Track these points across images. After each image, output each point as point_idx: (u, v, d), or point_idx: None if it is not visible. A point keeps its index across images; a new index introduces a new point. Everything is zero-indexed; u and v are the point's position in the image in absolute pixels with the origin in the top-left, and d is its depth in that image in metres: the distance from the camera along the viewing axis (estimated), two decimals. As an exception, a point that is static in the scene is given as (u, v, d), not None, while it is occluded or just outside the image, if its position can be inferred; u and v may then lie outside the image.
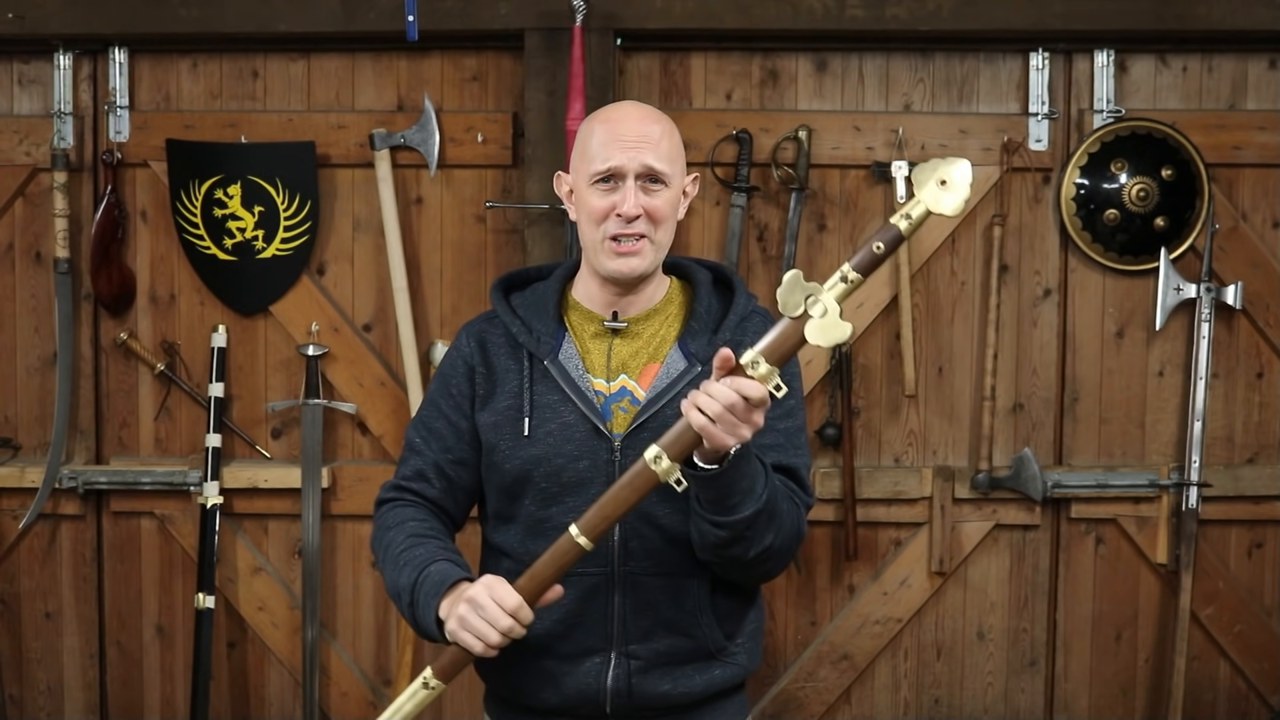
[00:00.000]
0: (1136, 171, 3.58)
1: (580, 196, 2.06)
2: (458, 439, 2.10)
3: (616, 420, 2.03)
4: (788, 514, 1.98)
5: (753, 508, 1.89)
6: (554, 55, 3.47)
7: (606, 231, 2.03)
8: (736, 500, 1.88)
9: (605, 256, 2.04)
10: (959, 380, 3.69)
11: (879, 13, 3.48)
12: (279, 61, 3.69)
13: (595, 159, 2.03)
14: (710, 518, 1.90)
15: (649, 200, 2.01)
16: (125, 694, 3.81)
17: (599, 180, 2.02)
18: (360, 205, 3.69)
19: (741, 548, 1.93)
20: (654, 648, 2.03)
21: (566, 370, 2.05)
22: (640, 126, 2.04)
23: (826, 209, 3.66)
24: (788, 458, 2.05)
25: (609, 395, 2.05)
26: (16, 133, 3.69)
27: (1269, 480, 3.66)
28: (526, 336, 2.08)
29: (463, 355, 2.12)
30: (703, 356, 2.05)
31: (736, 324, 2.11)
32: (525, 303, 2.13)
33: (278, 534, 3.76)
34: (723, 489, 1.86)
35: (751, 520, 1.90)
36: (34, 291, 3.74)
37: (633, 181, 2.01)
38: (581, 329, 2.10)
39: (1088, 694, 3.74)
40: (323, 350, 3.67)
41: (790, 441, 2.06)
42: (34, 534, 3.76)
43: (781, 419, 2.05)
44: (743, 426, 1.79)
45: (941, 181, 1.71)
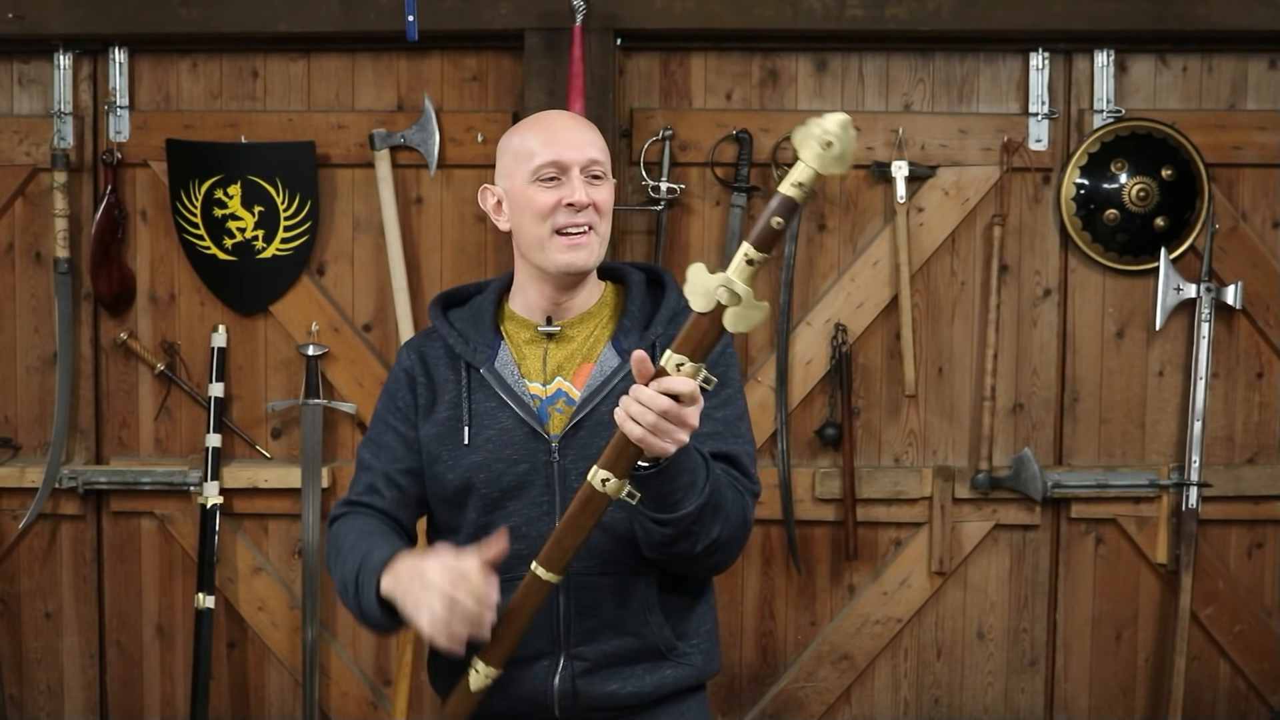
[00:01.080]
0: (1136, 171, 3.59)
1: (520, 197, 2.06)
2: (406, 449, 2.10)
3: (553, 422, 2.03)
4: (733, 503, 1.96)
5: (695, 502, 1.87)
6: (554, 55, 3.47)
7: (555, 224, 2.03)
8: (678, 497, 1.85)
9: (554, 251, 2.04)
10: (959, 380, 3.69)
11: (879, 13, 3.48)
12: (279, 61, 3.69)
13: (536, 156, 2.04)
14: (653, 516, 1.88)
15: (595, 192, 2.03)
16: (125, 694, 3.81)
17: (543, 177, 2.03)
18: (360, 205, 3.69)
19: (688, 543, 1.91)
20: (601, 649, 2.02)
21: (502, 376, 2.06)
22: (576, 124, 2.09)
23: (826, 209, 3.66)
24: (728, 445, 2.03)
25: (545, 398, 2.05)
26: (16, 133, 3.69)
27: (1269, 480, 3.66)
28: (463, 347, 2.10)
29: (404, 368, 2.14)
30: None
31: (669, 319, 2.10)
32: (462, 316, 2.16)
33: (278, 534, 3.77)
34: (663, 487, 1.84)
35: (696, 515, 1.88)
36: (34, 291, 3.74)
37: (578, 173, 2.03)
38: (517, 336, 2.11)
39: (1088, 694, 3.74)
40: (323, 350, 3.67)
41: (729, 430, 2.05)
42: (34, 534, 3.76)
43: (719, 407, 2.04)
44: (679, 430, 1.76)
45: (827, 143, 1.62)
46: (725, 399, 2.06)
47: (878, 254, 3.64)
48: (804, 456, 3.69)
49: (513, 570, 1.94)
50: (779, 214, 1.66)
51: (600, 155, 2.05)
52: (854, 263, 3.65)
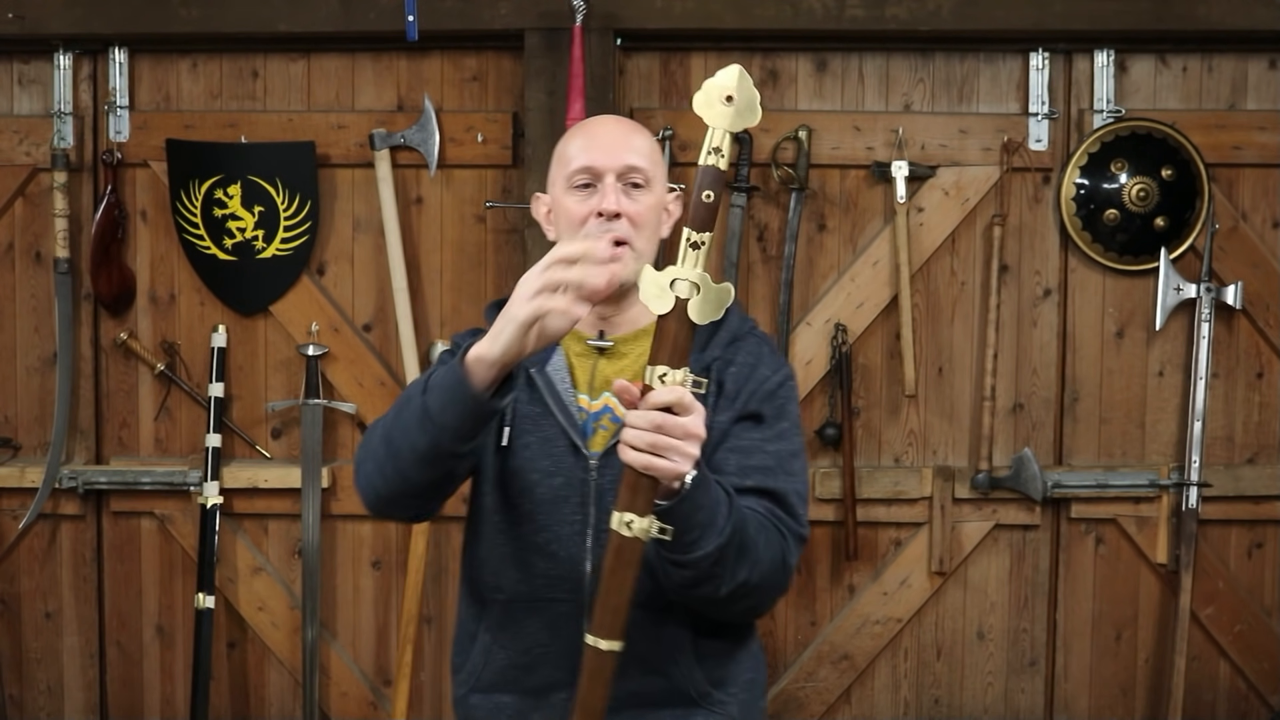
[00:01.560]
0: (1136, 171, 3.59)
1: (558, 206, 1.97)
2: None
3: (596, 439, 1.93)
4: (766, 545, 1.80)
5: (714, 543, 1.72)
6: (554, 55, 3.47)
7: (586, 234, 1.91)
8: (695, 536, 1.71)
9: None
10: (959, 380, 3.69)
11: (879, 13, 3.48)
12: (279, 61, 3.69)
13: (572, 161, 1.94)
14: (670, 556, 1.74)
15: (630, 203, 1.91)
16: (125, 694, 3.81)
17: (577, 184, 1.93)
18: (360, 205, 3.69)
19: (711, 586, 1.76)
20: (626, 687, 1.83)
21: (553, 381, 1.95)
22: (619, 128, 1.98)
23: (826, 209, 3.66)
24: (776, 481, 1.88)
25: (591, 413, 1.94)
26: (16, 133, 3.69)
27: (1269, 480, 3.66)
28: None
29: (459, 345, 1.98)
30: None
31: (727, 343, 1.98)
32: None
33: (278, 534, 3.77)
34: (677, 525, 1.68)
35: (716, 556, 1.72)
36: (34, 291, 3.74)
37: (612, 180, 1.92)
38: (571, 349, 2.00)
39: (1088, 694, 3.74)
40: (323, 350, 3.67)
41: (780, 465, 1.90)
42: (34, 534, 3.76)
43: (772, 440, 1.91)
44: (684, 443, 1.61)
45: (727, 98, 1.55)
46: (780, 433, 1.92)
47: (878, 254, 3.64)
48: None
49: (540, 593, 1.87)
50: (706, 187, 1.58)
51: (641, 161, 1.92)
52: (854, 263, 3.65)
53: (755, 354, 1.97)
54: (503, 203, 3.64)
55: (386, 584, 3.76)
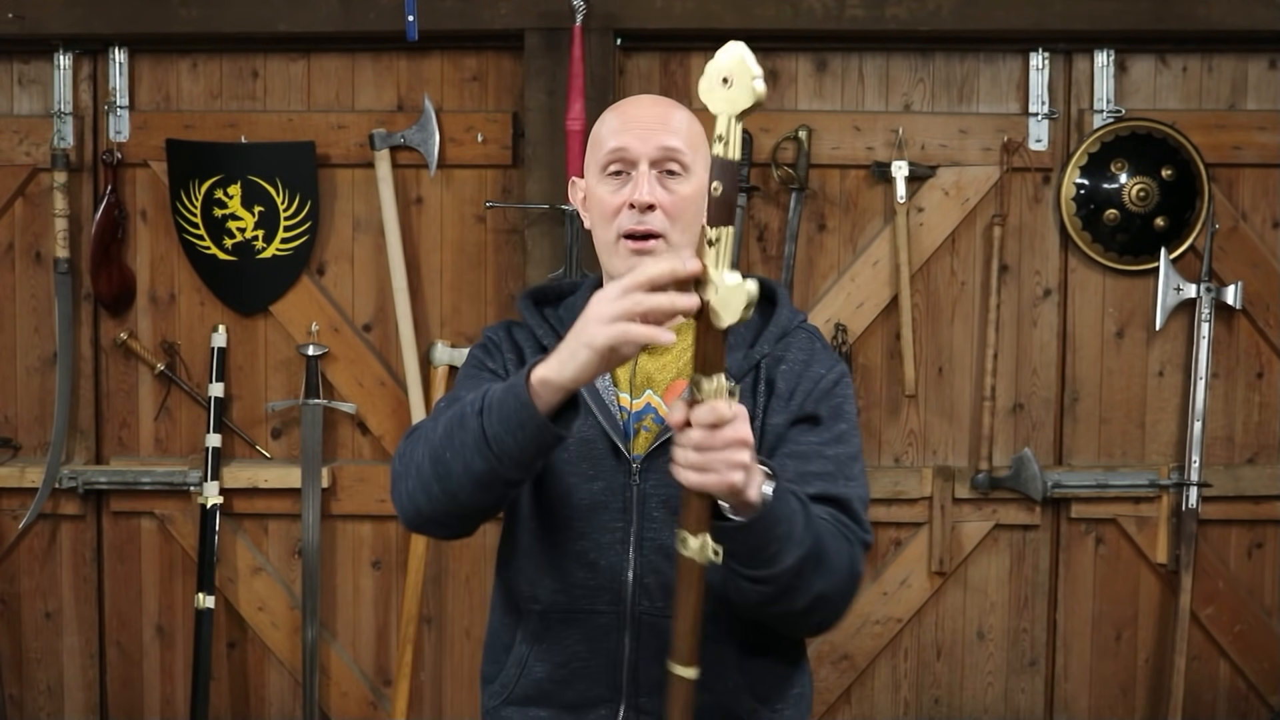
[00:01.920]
0: (1136, 171, 3.59)
1: (593, 194, 1.83)
2: None
3: (638, 440, 1.81)
4: (838, 554, 1.69)
5: (796, 554, 1.61)
6: (554, 55, 3.47)
7: (620, 228, 1.78)
8: (775, 549, 1.59)
9: (618, 258, 1.79)
10: (959, 380, 3.69)
11: (879, 13, 3.48)
12: (279, 61, 3.69)
13: (605, 144, 1.80)
14: (748, 573, 1.62)
15: (666, 193, 1.77)
16: (125, 694, 3.81)
17: (610, 171, 1.80)
18: (360, 205, 3.69)
19: (788, 601, 1.65)
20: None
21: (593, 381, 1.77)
22: (656, 108, 1.81)
23: (826, 209, 3.66)
24: (838, 488, 1.76)
25: (633, 413, 1.82)
26: (16, 133, 3.69)
27: (1269, 480, 3.66)
28: (555, 341, 1.83)
29: (493, 342, 1.92)
30: (736, 371, 1.82)
31: (777, 338, 1.85)
32: (558, 316, 1.92)
33: (278, 534, 3.77)
34: (757, 540, 1.58)
35: (797, 568, 1.62)
36: (34, 291, 3.74)
37: (646, 168, 1.77)
38: None
39: (1088, 694, 3.74)
40: (323, 350, 3.67)
41: (841, 470, 1.78)
42: (34, 534, 3.76)
43: (830, 444, 1.79)
44: (731, 452, 1.49)
45: (724, 80, 1.41)
46: (838, 435, 1.81)
47: (878, 254, 3.64)
48: (804, 456, 3.68)
49: (579, 603, 1.77)
50: (715, 178, 1.44)
51: (679, 143, 1.77)
52: (854, 263, 3.65)
53: (807, 350, 1.86)
54: (503, 203, 3.64)
55: (386, 584, 3.76)
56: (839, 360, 1.89)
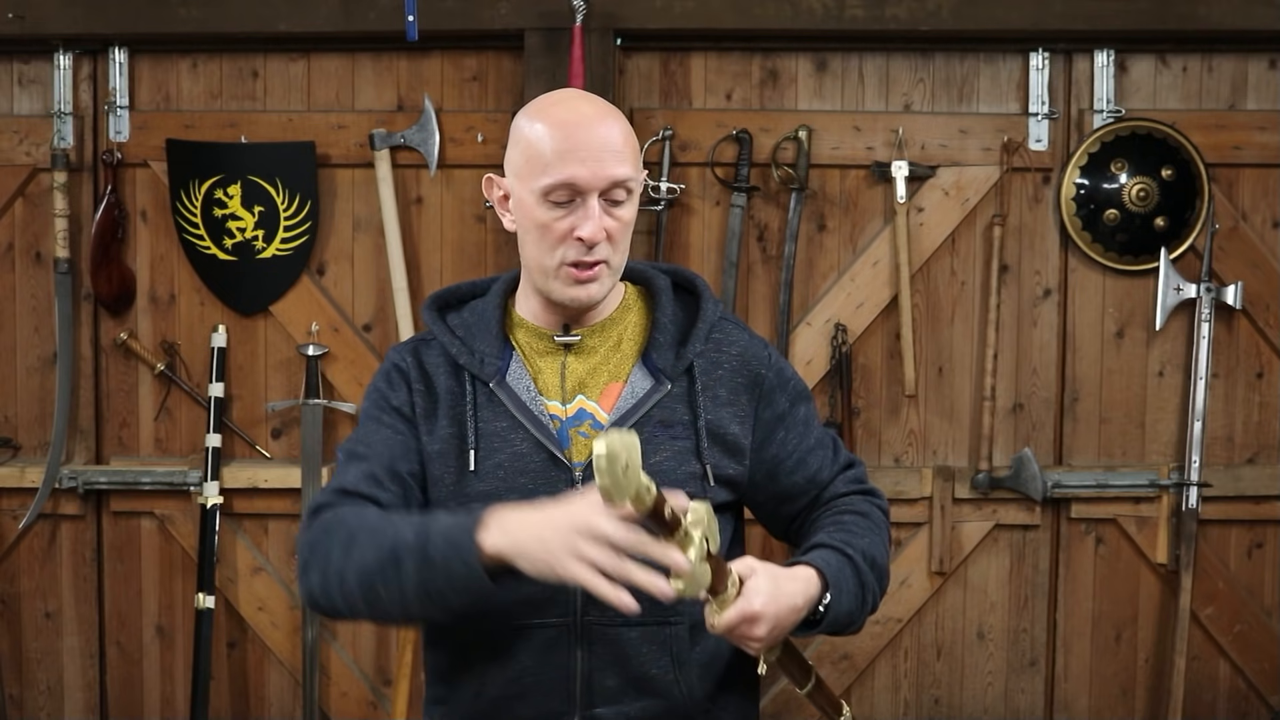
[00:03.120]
0: (1136, 171, 3.58)
1: (527, 210, 1.76)
2: (405, 450, 1.79)
3: (576, 447, 1.76)
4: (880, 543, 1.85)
5: (866, 608, 1.81)
6: (554, 55, 3.47)
7: (564, 258, 1.75)
8: (847, 620, 1.78)
9: (559, 283, 1.77)
10: (959, 380, 3.69)
11: (879, 13, 3.48)
12: (279, 61, 3.69)
13: (550, 170, 1.72)
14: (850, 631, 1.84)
15: (611, 221, 1.74)
16: (125, 694, 3.81)
17: (556, 199, 1.73)
18: (360, 205, 3.69)
19: (865, 617, 1.85)
20: (624, 711, 1.75)
21: (516, 393, 1.78)
22: (601, 129, 1.73)
23: (826, 209, 3.66)
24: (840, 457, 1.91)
25: (566, 419, 1.78)
26: (16, 133, 3.69)
27: (1269, 480, 3.66)
28: (468, 358, 1.80)
29: (398, 370, 1.83)
30: (670, 372, 1.80)
31: (706, 334, 1.84)
32: (464, 322, 1.85)
33: (278, 534, 3.76)
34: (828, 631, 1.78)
35: (874, 601, 1.82)
36: (34, 291, 3.74)
37: (596, 201, 1.72)
38: (530, 347, 1.83)
39: (1088, 694, 3.74)
40: (323, 350, 3.67)
41: (835, 453, 1.92)
42: (34, 534, 3.76)
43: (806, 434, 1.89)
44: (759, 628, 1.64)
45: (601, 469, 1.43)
46: (804, 420, 1.89)
47: (878, 254, 3.64)
48: (804, 456, 3.68)
49: (528, 617, 1.72)
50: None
51: (628, 170, 1.73)
52: (854, 263, 3.65)
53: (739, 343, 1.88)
54: (503, 203, 3.63)
55: (386, 584, 3.75)
56: (767, 343, 1.92)
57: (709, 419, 1.80)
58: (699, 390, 1.81)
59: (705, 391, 1.81)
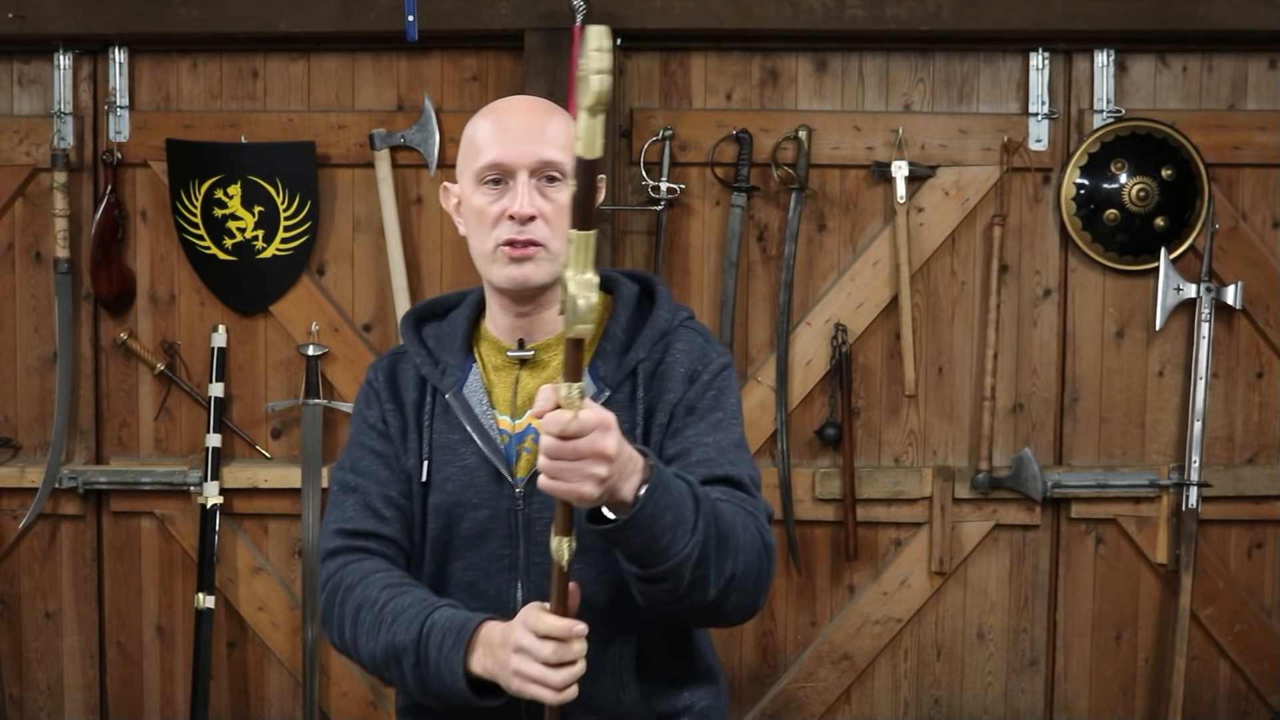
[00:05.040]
0: (1136, 171, 3.59)
1: (468, 202, 1.81)
2: (392, 472, 1.83)
3: (522, 463, 1.77)
4: (744, 528, 1.65)
5: (691, 540, 1.55)
6: (554, 55, 3.47)
7: (498, 238, 1.75)
8: (667, 541, 1.53)
9: (497, 265, 1.76)
10: (959, 380, 3.69)
11: (879, 13, 3.48)
12: (279, 61, 3.69)
13: (481, 154, 1.78)
14: (644, 572, 1.56)
15: (545, 202, 1.74)
16: (125, 694, 3.81)
17: (487, 180, 1.77)
18: (360, 205, 3.69)
19: (700, 591, 1.59)
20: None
21: (470, 405, 1.80)
22: (531, 115, 1.79)
23: (826, 209, 3.66)
24: (723, 469, 1.72)
25: (515, 434, 1.79)
26: (16, 133, 3.69)
27: (1269, 480, 3.66)
28: (430, 368, 1.84)
29: (371, 387, 1.88)
30: (612, 380, 1.78)
31: (654, 341, 1.80)
32: (436, 334, 1.89)
33: (278, 534, 3.77)
34: (642, 535, 1.52)
35: (698, 556, 1.56)
36: (34, 291, 3.74)
37: (525, 178, 1.75)
38: (489, 361, 1.84)
39: (1088, 694, 3.74)
40: (323, 350, 3.67)
41: (722, 455, 1.74)
42: (34, 534, 3.76)
43: (708, 433, 1.75)
44: (586, 464, 1.43)
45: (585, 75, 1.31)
46: (715, 423, 1.76)
47: (878, 254, 3.64)
48: (804, 456, 3.69)
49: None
50: (573, 178, 1.36)
51: (556, 153, 1.74)
52: (854, 263, 3.65)
53: (688, 348, 1.81)
54: (503, 203, 3.64)
55: (386, 584, 3.75)
56: (723, 353, 1.85)
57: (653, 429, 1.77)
58: (641, 398, 1.78)
59: (648, 397, 1.78)
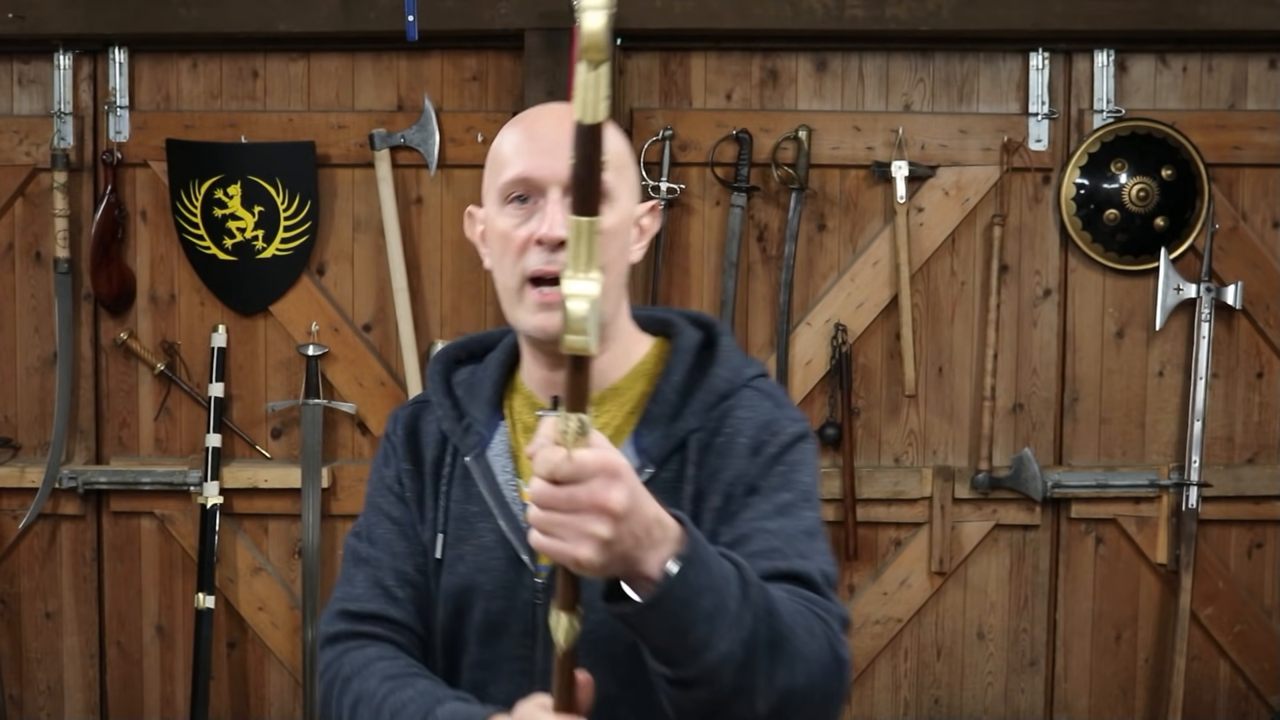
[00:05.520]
0: (1136, 171, 3.59)
1: (492, 227, 1.51)
2: (409, 547, 1.57)
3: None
4: (806, 631, 1.30)
5: (734, 636, 1.22)
6: (554, 55, 3.47)
7: (525, 269, 1.45)
8: (703, 632, 1.21)
9: (524, 309, 1.47)
10: (959, 380, 3.69)
11: (879, 13, 3.48)
12: (279, 61, 3.69)
13: (507, 167, 1.48)
14: (673, 672, 1.24)
15: None
16: (125, 694, 3.81)
17: (512, 198, 1.48)
18: (360, 205, 3.69)
19: (745, 704, 1.26)
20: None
21: (492, 472, 1.52)
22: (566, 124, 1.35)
23: (826, 209, 3.66)
24: (789, 563, 1.39)
25: None
26: (16, 133, 3.69)
27: (1269, 480, 3.66)
28: (452, 424, 1.56)
29: (389, 441, 1.63)
30: (657, 454, 1.48)
31: (710, 406, 1.49)
32: (468, 382, 1.60)
33: (278, 534, 3.76)
34: (672, 621, 1.20)
35: (740, 657, 1.23)
36: (34, 291, 3.74)
37: (558, 196, 1.43)
38: (521, 419, 1.56)
39: (1088, 694, 3.74)
40: (323, 350, 3.67)
41: (790, 545, 1.41)
42: (34, 534, 3.76)
43: (772, 516, 1.43)
44: (583, 519, 1.14)
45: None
46: (781, 506, 1.44)
47: (878, 254, 3.64)
48: (804, 456, 3.68)
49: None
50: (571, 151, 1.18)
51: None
52: (854, 263, 3.65)
53: (752, 414, 1.50)
54: (503, 203, 3.64)
55: (386, 584, 3.75)
56: (797, 420, 1.53)
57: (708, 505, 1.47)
58: (689, 476, 1.47)
59: (699, 475, 1.48)
